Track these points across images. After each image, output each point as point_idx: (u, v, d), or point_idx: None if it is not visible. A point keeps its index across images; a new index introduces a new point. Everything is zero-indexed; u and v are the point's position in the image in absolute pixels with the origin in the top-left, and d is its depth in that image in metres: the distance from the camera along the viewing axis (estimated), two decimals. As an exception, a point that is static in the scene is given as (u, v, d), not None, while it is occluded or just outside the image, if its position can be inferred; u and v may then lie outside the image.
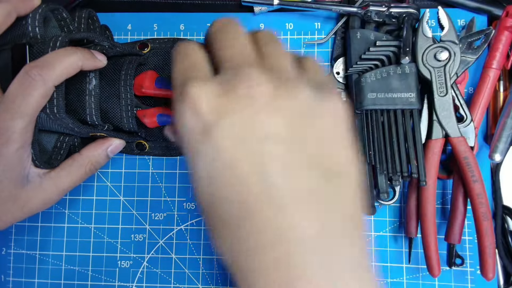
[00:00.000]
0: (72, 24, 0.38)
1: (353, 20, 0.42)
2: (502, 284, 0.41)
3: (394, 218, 0.43)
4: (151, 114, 0.38)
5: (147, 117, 0.37)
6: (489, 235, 0.36)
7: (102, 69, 0.39)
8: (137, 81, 0.37)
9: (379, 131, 0.38)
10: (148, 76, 0.37)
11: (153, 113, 0.37)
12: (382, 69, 0.39)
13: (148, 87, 0.37)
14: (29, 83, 0.30)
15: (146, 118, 0.37)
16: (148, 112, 0.37)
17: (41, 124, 0.34)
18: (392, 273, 0.42)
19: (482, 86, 0.40)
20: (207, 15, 0.46)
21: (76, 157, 0.37)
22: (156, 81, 0.37)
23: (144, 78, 0.37)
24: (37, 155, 0.34)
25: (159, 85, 0.37)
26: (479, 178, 0.36)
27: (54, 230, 0.46)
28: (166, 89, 0.37)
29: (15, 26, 0.35)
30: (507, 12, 0.40)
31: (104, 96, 0.39)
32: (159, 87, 0.37)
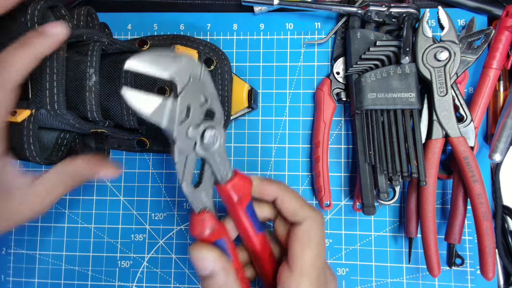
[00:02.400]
0: (71, 21, 0.38)
1: (353, 20, 0.42)
2: (502, 284, 0.41)
3: (394, 218, 0.43)
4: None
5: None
6: (489, 235, 0.36)
7: (102, 66, 0.39)
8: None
9: (379, 131, 0.38)
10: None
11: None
12: (382, 69, 0.39)
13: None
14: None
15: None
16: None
17: (42, 121, 0.34)
18: (392, 273, 0.42)
19: (482, 86, 0.40)
20: (207, 15, 0.46)
21: (66, 167, 0.33)
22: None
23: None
24: (37, 152, 0.34)
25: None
26: (479, 178, 0.36)
27: (54, 230, 0.46)
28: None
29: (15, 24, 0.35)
30: (507, 12, 0.40)
31: (104, 94, 0.39)
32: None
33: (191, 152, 0.27)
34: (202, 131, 0.27)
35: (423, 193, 0.38)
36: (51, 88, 0.33)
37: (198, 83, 0.27)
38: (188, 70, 0.27)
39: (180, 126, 0.26)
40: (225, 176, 0.29)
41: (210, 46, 0.43)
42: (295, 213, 0.30)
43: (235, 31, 0.46)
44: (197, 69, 0.27)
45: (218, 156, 0.28)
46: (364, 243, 0.43)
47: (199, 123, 0.27)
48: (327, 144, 0.42)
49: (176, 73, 0.26)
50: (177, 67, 0.26)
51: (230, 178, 0.29)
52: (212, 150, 0.28)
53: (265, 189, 0.30)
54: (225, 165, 0.29)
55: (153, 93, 0.25)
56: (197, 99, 0.27)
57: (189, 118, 0.27)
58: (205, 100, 0.28)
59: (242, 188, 0.29)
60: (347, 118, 0.44)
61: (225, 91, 0.42)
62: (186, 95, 0.26)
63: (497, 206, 0.41)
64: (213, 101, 0.28)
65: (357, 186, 0.40)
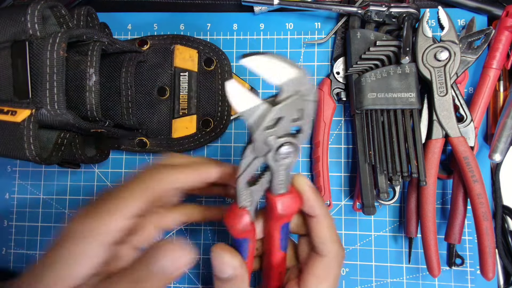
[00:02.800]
0: (71, 21, 0.38)
1: (353, 20, 0.42)
2: (502, 284, 0.41)
3: (394, 218, 0.43)
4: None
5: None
6: (489, 235, 0.36)
7: (102, 66, 0.39)
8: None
9: (379, 131, 0.38)
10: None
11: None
12: (382, 69, 0.39)
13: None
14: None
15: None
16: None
17: (42, 120, 0.34)
18: (392, 273, 0.42)
19: (482, 86, 0.40)
20: (207, 15, 0.47)
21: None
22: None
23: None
24: (37, 152, 0.34)
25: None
26: (479, 178, 0.36)
27: (54, 230, 0.46)
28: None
29: (14, 23, 0.35)
30: (507, 12, 0.40)
31: (104, 93, 0.39)
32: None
33: (261, 157, 0.28)
34: (281, 144, 0.27)
35: (423, 193, 0.38)
36: (51, 88, 0.33)
37: (300, 100, 0.26)
38: (297, 85, 0.26)
39: (263, 131, 0.26)
40: (279, 189, 0.29)
41: (210, 46, 0.43)
42: (324, 242, 0.30)
43: (235, 31, 0.46)
44: (305, 88, 0.26)
45: (282, 170, 0.28)
46: (364, 243, 0.43)
47: (282, 136, 0.27)
48: (327, 144, 0.42)
49: (285, 84, 0.25)
50: (288, 79, 0.25)
51: (283, 193, 0.29)
52: (281, 163, 0.28)
53: (313, 209, 0.30)
54: (285, 180, 0.29)
55: (253, 94, 0.25)
56: (291, 114, 0.26)
57: (275, 128, 0.26)
58: (298, 118, 0.27)
59: (288, 207, 0.29)
60: (347, 118, 0.44)
61: (225, 91, 0.42)
62: (283, 107, 0.26)
63: (497, 206, 0.41)
64: (305, 123, 0.27)
65: (357, 186, 0.40)
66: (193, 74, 0.42)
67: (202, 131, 0.42)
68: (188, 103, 0.42)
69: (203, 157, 0.32)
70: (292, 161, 0.28)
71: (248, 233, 0.30)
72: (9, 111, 0.34)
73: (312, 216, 0.30)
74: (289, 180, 0.29)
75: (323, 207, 0.30)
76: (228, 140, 0.45)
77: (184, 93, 0.42)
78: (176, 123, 0.42)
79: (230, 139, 0.45)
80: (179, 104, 0.42)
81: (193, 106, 0.42)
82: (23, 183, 0.47)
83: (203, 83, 0.42)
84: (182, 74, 0.42)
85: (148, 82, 0.42)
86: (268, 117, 0.26)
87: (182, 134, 0.42)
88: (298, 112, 0.27)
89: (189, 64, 0.42)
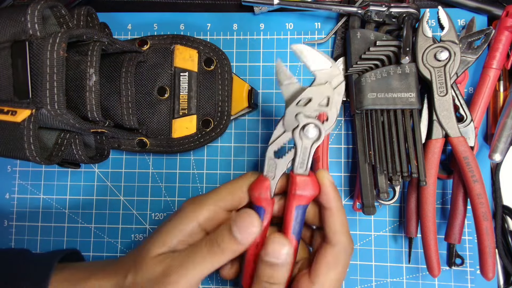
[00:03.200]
0: (71, 21, 0.38)
1: (353, 20, 0.42)
2: (502, 284, 0.41)
3: (394, 218, 0.43)
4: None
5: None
6: (489, 235, 0.36)
7: (102, 66, 0.39)
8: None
9: (379, 131, 0.38)
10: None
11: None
12: (382, 69, 0.39)
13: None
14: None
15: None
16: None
17: (42, 120, 0.34)
18: (392, 273, 0.42)
19: (482, 86, 0.40)
20: (207, 15, 0.47)
21: None
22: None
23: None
24: (37, 152, 0.34)
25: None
26: (479, 178, 0.36)
27: (54, 230, 0.46)
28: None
29: (14, 23, 0.35)
30: (507, 12, 0.40)
31: (104, 93, 0.39)
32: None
33: (289, 131, 0.33)
34: (307, 123, 0.32)
35: (423, 193, 0.38)
36: (51, 88, 0.33)
37: (330, 88, 0.32)
38: (329, 75, 0.33)
39: (295, 107, 0.32)
40: (299, 168, 0.33)
41: (210, 46, 0.43)
42: (335, 233, 0.32)
43: (235, 31, 0.46)
44: (336, 81, 0.33)
45: (306, 152, 0.32)
46: (364, 243, 0.43)
47: (310, 116, 0.32)
48: (327, 144, 0.42)
49: (319, 71, 0.33)
50: (322, 67, 0.33)
51: (302, 174, 0.33)
52: (305, 144, 0.32)
53: (330, 201, 0.32)
54: (306, 162, 0.33)
55: (292, 76, 0.33)
56: (320, 99, 0.32)
57: (305, 107, 0.32)
58: (327, 105, 0.32)
59: (304, 188, 0.32)
60: (347, 118, 0.44)
61: (225, 91, 0.42)
62: (313, 90, 0.32)
63: (497, 206, 0.41)
64: (332, 110, 0.33)
65: (357, 186, 0.40)
66: (193, 74, 0.42)
67: (202, 131, 0.42)
68: (188, 103, 0.42)
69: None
70: (314, 144, 0.32)
71: (265, 203, 0.33)
72: (9, 111, 0.34)
73: (327, 208, 0.32)
74: (309, 164, 0.33)
75: (339, 202, 0.33)
76: (228, 140, 0.45)
77: (184, 93, 0.42)
78: (176, 123, 0.42)
79: (230, 139, 0.45)
80: (179, 104, 0.42)
81: (193, 106, 0.42)
82: (23, 183, 0.47)
83: (203, 83, 0.42)
84: (182, 74, 0.42)
85: (148, 82, 0.42)
86: (300, 96, 0.32)
87: (182, 134, 0.42)
88: (327, 99, 0.32)
89: (189, 64, 0.42)
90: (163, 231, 0.33)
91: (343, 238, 0.32)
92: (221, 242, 0.31)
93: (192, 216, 0.33)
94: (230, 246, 0.31)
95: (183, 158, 0.45)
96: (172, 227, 0.33)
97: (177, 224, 0.33)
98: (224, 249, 0.31)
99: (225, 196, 0.33)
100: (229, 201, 0.33)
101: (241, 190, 0.34)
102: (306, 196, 0.32)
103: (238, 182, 0.34)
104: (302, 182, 0.32)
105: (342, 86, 0.33)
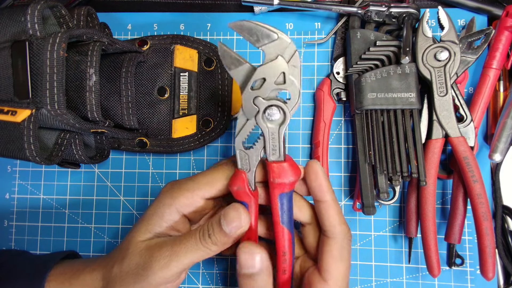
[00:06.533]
0: (71, 21, 0.38)
1: (353, 20, 0.42)
2: (502, 284, 0.41)
3: (394, 218, 0.43)
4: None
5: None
6: (489, 235, 0.36)
7: (102, 66, 0.39)
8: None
9: (379, 131, 0.38)
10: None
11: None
12: (382, 69, 0.39)
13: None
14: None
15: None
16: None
17: (42, 120, 0.34)
18: (392, 273, 0.42)
19: (482, 86, 0.40)
20: (207, 15, 0.47)
21: None
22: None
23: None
24: (37, 152, 0.34)
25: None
26: (479, 178, 0.36)
27: (54, 230, 0.46)
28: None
29: (14, 23, 0.35)
30: (507, 12, 0.40)
31: (104, 93, 0.39)
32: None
33: (252, 118, 0.30)
34: (268, 105, 0.30)
35: (423, 193, 0.38)
36: (51, 88, 0.33)
37: (284, 62, 0.29)
38: (279, 49, 0.29)
39: (250, 91, 0.29)
40: (272, 155, 0.31)
41: (210, 46, 0.43)
42: (334, 225, 0.32)
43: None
44: (288, 52, 0.29)
45: (273, 135, 0.30)
46: (364, 243, 0.43)
47: (268, 98, 0.30)
48: (327, 144, 0.42)
49: (266, 46, 0.29)
50: (268, 41, 0.28)
51: (277, 160, 0.31)
52: (271, 127, 0.30)
53: (324, 194, 0.32)
54: (278, 147, 0.31)
55: (240, 57, 0.29)
56: (274, 76, 0.29)
57: (261, 89, 0.29)
58: (284, 82, 0.29)
59: (282, 174, 0.31)
60: (347, 118, 0.44)
61: (225, 91, 0.42)
62: (265, 68, 0.29)
63: (497, 206, 0.41)
64: (292, 86, 0.29)
65: (357, 186, 0.40)
66: (193, 74, 0.42)
67: (202, 131, 0.42)
68: (188, 103, 0.42)
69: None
70: (281, 127, 0.30)
71: (246, 197, 0.32)
72: (9, 111, 0.34)
73: (321, 201, 0.32)
74: (282, 149, 0.31)
75: (333, 193, 0.32)
76: (228, 140, 0.45)
77: (184, 93, 0.42)
78: (176, 123, 0.42)
79: (230, 139, 0.45)
80: (179, 104, 0.42)
81: (193, 106, 0.42)
82: (23, 183, 0.47)
83: (203, 83, 0.42)
84: (182, 74, 0.42)
85: (148, 82, 0.42)
86: (252, 78, 0.29)
87: (182, 134, 0.42)
88: (282, 76, 0.29)
89: (189, 64, 0.42)
90: (145, 218, 0.34)
91: (342, 227, 0.32)
92: (212, 234, 0.31)
93: (170, 202, 0.33)
94: (220, 239, 0.31)
95: (183, 158, 0.45)
96: (153, 214, 0.34)
97: (157, 210, 0.34)
98: (215, 241, 0.31)
99: (203, 186, 0.33)
100: (207, 191, 0.33)
101: (219, 182, 0.33)
102: (286, 183, 0.31)
103: (216, 173, 0.34)
104: (279, 169, 0.31)
105: (296, 56, 0.29)
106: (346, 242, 0.32)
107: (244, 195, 0.32)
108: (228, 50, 0.29)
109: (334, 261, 0.31)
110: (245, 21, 0.28)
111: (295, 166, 0.31)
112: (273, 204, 0.32)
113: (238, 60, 0.29)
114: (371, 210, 0.38)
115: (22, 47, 0.34)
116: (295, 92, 0.30)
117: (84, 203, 0.46)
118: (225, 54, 0.29)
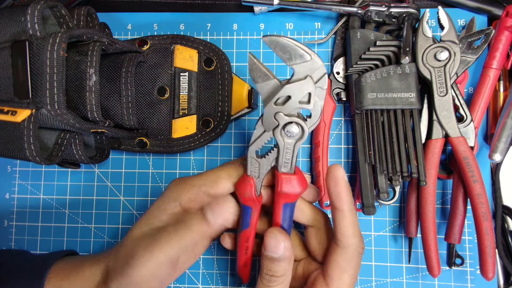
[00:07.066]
0: (71, 21, 0.38)
1: (353, 20, 0.42)
2: (502, 284, 0.41)
3: (394, 218, 0.43)
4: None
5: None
6: (489, 235, 0.36)
7: (102, 66, 0.39)
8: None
9: (379, 131, 0.38)
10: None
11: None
12: (382, 69, 0.39)
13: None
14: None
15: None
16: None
17: (42, 120, 0.34)
18: (392, 273, 0.42)
19: (482, 86, 0.40)
20: (207, 15, 0.47)
21: None
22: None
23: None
24: (37, 152, 0.34)
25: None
26: (479, 178, 0.36)
27: (54, 230, 0.46)
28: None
29: (14, 23, 0.35)
30: (507, 12, 0.40)
31: (104, 93, 0.39)
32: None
33: (269, 131, 0.31)
34: (288, 122, 0.30)
35: (423, 193, 0.38)
36: (51, 88, 0.33)
37: (311, 83, 0.29)
38: (309, 70, 0.28)
39: (273, 106, 0.29)
40: (284, 167, 0.32)
41: (210, 46, 0.43)
42: (346, 236, 0.31)
43: (235, 31, 0.46)
44: (317, 74, 0.28)
45: (288, 150, 0.31)
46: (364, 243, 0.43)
47: (290, 115, 0.30)
48: (327, 144, 0.42)
49: (297, 65, 0.28)
50: (300, 61, 0.28)
51: (288, 173, 0.32)
52: (286, 141, 0.31)
53: (342, 203, 0.31)
54: (290, 160, 0.31)
55: (269, 71, 0.29)
56: (300, 96, 0.29)
57: (284, 106, 0.29)
58: (308, 102, 0.29)
59: (291, 187, 0.31)
60: (347, 118, 0.44)
61: (225, 91, 0.42)
62: (292, 87, 0.29)
63: (497, 206, 0.41)
64: (315, 107, 0.29)
65: (357, 186, 0.40)
66: (193, 74, 0.42)
67: (202, 131, 0.42)
68: (188, 103, 0.42)
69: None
70: (298, 142, 0.31)
71: (252, 202, 0.33)
72: (9, 111, 0.34)
73: (338, 209, 0.31)
74: (294, 163, 0.32)
75: (351, 203, 0.31)
76: (228, 140, 0.45)
77: (184, 93, 0.42)
78: (176, 123, 0.42)
79: (230, 139, 0.45)
80: (179, 104, 0.42)
81: (193, 106, 0.42)
82: (23, 183, 0.47)
83: (203, 83, 0.42)
84: (182, 74, 0.42)
85: (148, 82, 0.42)
86: (278, 94, 0.29)
87: (182, 134, 0.42)
88: (308, 96, 0.29)
89: (189, 64, 0.42)
90: (147, 212, 0.35)
91: (354, 240, 0.31)
92: (188, 220, 0.33)
93: (175, 196, 0.34)
94: (198, 226, 0.32)
95: (183, 158, 0.45)
96: (156, 208, 0.35)
97: (160, 204, 0.35)
98: (190, 226, 0.32)
99: (210, 183, 0.34)
100: (213, 188, 0.34)
101: (226, 182, 0.34)
102: (292, 194, 0.32)
103: (223, 172, 0.34)
104: (288, 181, 0.31)
105: (325, 79, 0.29)
106: (356, 255, 0.31)
107: (250, 200, 0.33)
108: (258, 64, 0.29)
109: (340, 271, 0.31)
110: (281, 38, 0.28)
111: (303, 180, 0.32)
112: (277, 210, 0.33)
113: (266, 75, 0.29)
114: (371, 210, 0.38)
115: (22, 47, 0.34)
116: (317, 113, 0.30)
117: (84, 203, 0.46)
118: (255, 67, 0.29)
